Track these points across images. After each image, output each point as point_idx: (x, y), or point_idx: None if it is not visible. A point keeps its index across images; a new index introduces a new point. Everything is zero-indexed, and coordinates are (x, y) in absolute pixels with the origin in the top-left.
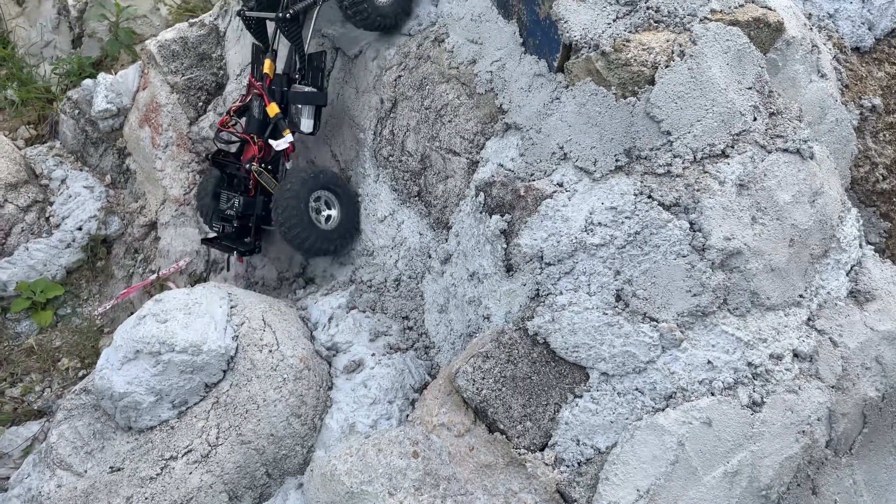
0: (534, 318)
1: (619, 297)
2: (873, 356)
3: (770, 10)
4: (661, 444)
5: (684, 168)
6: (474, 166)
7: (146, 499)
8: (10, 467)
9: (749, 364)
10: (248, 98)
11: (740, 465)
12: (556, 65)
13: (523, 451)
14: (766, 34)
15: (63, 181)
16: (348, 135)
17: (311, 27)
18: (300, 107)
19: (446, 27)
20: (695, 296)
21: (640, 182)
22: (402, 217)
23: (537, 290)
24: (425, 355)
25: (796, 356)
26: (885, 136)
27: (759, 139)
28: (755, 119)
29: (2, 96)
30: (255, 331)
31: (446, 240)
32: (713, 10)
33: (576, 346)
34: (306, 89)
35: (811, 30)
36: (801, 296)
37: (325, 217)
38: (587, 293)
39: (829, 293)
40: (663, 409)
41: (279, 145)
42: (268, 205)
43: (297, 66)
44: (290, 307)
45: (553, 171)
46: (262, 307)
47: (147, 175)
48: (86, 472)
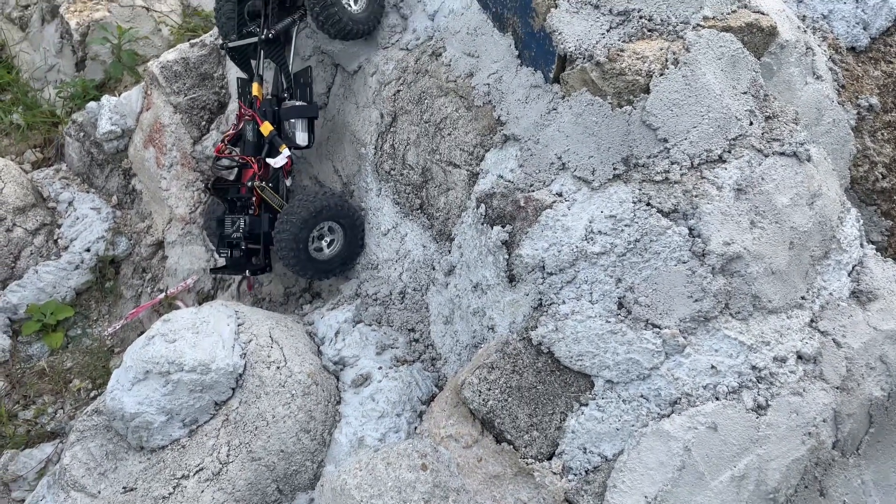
0: (537, 327)
1: (621, 305)
2: (877, 356)
3: (762, 14)
4: (667, 450)
5: (682, 174)
6: (474, 178)
7: None
8: (26, 490)
9: (753, 367)
10: (241, 125)
11: (747, 469)
12: (551, 76)
13: (531, 460)
14: (759, 39)
15: (70, 203)
16: (350, 150)
17: (293, 45)
18: (294, 121)
19: (443, 41)
20: (696, 301)
21: (639, 190)
22: (405, 230)
23: (540, 299)
24: (432, 367)
25: (800, 358)
26: (883, 134)
27: (756, 143)
28: (751, 123)
29: (7, 121)
30: (263, 348)
31: (449, 251)
32: (706, 17)
33: (580, 355)
34: (297, 103)
35: (805, 32)
36: (802, 298)
37: (326, 244)
38: (589, 301)
39: (830, 294)
40: (669, 416)
41: (277, 162)
42: (273, 222)
43: (285, 85)
44: (296, 323)
45: (552, 181)
46: (270, 324)
47: (153, 195)
48: (99, 492)
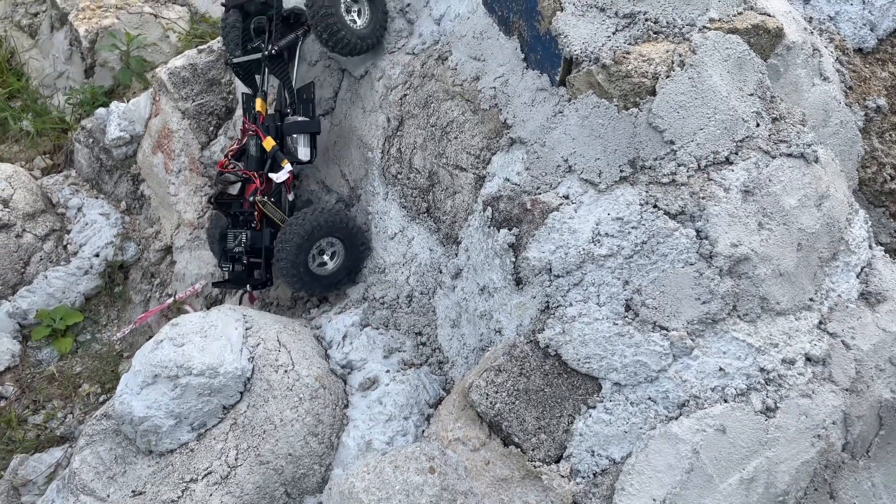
0: (545, 330)
1: (628, 307)
2: (887, 357)
3: (769, 16)
4: (675, 452)
5: (689, 176)
6: (481, 181)
7: None
8: (35, 494)
9: (761, 370)
10: (244, 141)
11: (756, 472)
12: (557, 79)
13: (539, 463)
14: (765, 40)
15: (79, 209)
16: (356, 154)
17: (297, 61)
18: (296, 136)
19: (449, 45)
20: (704, 303)
21: (646, 192)
22: (412, 233)
23: (547, 302)
24: (439, 370)
25: (809, 360)
26: (891, 135)
27: (763, 145)
28: (758, 125)
29: (17, 127)
30: (271, 351)
31: (456, 255)
32: (712, 20)
33: (587, 357)
34: (299, 119)
35: (812, 33)
36: (811, 299)
37: (327, 258)
38: (597, 304)
39: (839, 296)
40: (677, 418)
41: (279, 177)
42: (275, 236)
43: (288, 101)
44: (304, 327)
45: (559, 183)
46: (277, 328)
47: (161, 200)
48: (109, 496)
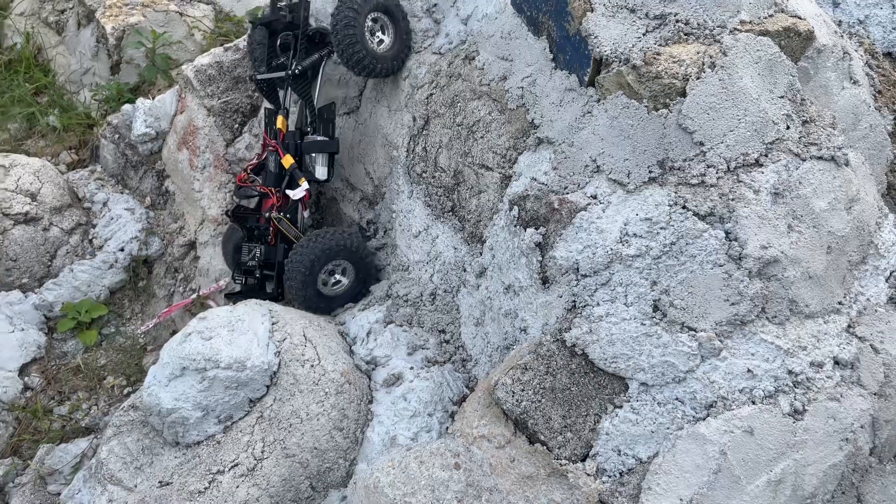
0: (571, 329)
1: (656, 308)
2: None
3: (800, 19)
4: (703, 453)
5: (718, 178)
6: (507, 181)
7: None
8: (62, 483)
9: (789, 372)
10: (264, 156)
11: (783, 474)
12: (586, 79)
13: (564, 461)
14: (796, 43)
15: (105, 204)
16: (381, 153)
17: (319, 80)
18: (314, 155)
19: (476, 45)
20: (733, 304)
21: (675, 193)
22: (437, 232)
23: (574, 301)
24: (462, 368)
25: (837, 363)
26: None
27: (793, 147)
28: (788, 127)
29: (44, 123)
30: (297, 346)
31: (480, 253)
32: (743, 21)
33: (614, 357)
34: (319, 138)
35: (842, 37)
36: (840, 303)
37: (334, 282)
38: (624, 304)
39: (868, 300)
40: (704, 419)
41: (296, 194)
42: (288, 252)
43: (308, 119)
44: (328, 322)
45: (587, 183)
46: (303, 323)
47: (186, 196)
48: (136, 486)
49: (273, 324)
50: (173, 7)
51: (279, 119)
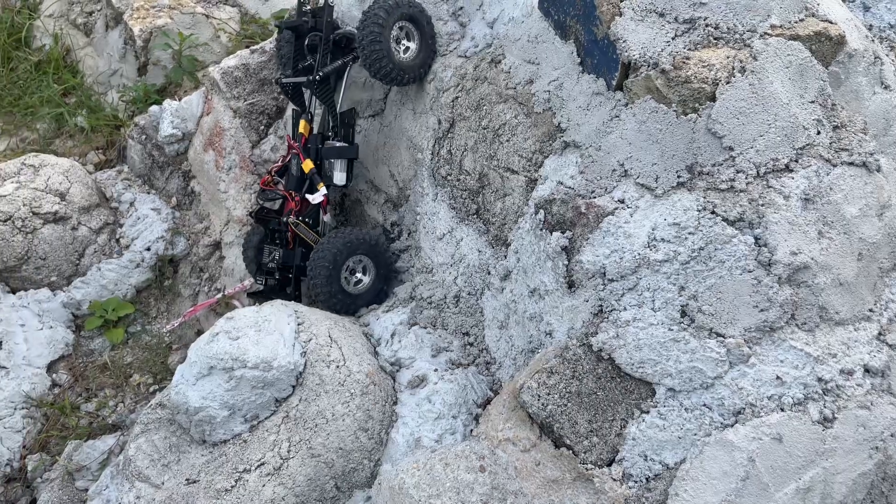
0: (598, 333)
1: (684, 313)
2: None
3: (831, 23)
4: (730, 459)
5: (748, 183)
6: (532, 184)
7: None
8: (89, 479)
9: (819, 379)
10: (288, 158)
11: (812, 482)
12: (614, 83)
13: (590, 466)
14: (827, 47)
15: (132, 204)
16: (406, 155)
17: (343, 87)
18: (333, 161)
19: (503, 49)
20: (762, 311)
21: (703, 198)
22: (461, 235)
23: (600, 306)
24: (486, 371)
25: (867, 371)
26: None
27: (824, 153)
28: (819, 133)
29: (72, 123)
30: (322, 347)
31: (505, 257)
32: (773, 26)
33: (641, 362)
34: (338, 144)
35: (873, 41)
36: (870, 310)
37: (356, 280)
38: (651, 309)
39: None
40: (732, 425)
41: (315, 199)
42: (306, 256)
43: (330, 124)
44: (353, 323)
45: (614, 187)
46: (328, 324)
47: (211, 197)
48: (163, 484)
49: (299, 324)
50: (200, 9)
51: (301, 123)
